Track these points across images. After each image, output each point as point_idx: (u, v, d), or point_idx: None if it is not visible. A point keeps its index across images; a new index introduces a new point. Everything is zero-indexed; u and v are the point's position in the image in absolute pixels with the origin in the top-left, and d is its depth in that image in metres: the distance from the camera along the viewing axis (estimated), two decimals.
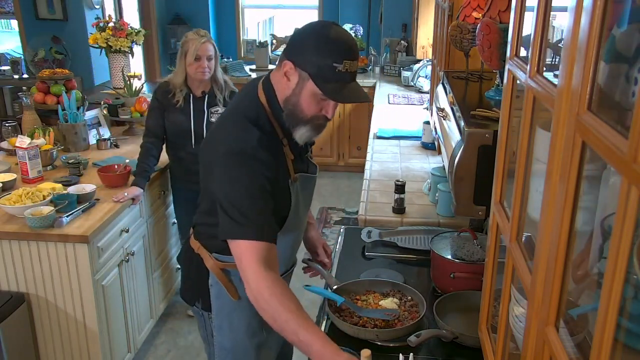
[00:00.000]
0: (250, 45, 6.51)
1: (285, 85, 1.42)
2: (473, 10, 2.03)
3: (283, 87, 1.44)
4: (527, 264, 0.99)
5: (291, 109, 1.44)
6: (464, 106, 1.71)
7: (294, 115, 1.44)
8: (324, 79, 1.36)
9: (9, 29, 8.76)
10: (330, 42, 1.35)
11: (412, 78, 5.07)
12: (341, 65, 1.34)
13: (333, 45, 1.35)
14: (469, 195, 1.55)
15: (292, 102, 1.43)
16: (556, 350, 0.79)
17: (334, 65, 1.34)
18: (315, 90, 1.37)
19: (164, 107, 2.88)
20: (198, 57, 2.78)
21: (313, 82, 1.36)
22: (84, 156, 3.11)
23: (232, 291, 1.65)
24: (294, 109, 1.43)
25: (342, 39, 1.36)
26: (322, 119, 1.45)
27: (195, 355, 3.04)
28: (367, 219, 2.51)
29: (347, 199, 5.12)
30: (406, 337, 1.61)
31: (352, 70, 1.38)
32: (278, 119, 1.48)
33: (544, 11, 0.94)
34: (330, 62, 1.34)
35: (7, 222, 2.41)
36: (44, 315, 2.48)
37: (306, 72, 1.37)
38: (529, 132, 1.03)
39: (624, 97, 0.71)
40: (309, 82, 1.37)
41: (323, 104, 1.42)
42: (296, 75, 1.39)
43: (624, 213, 0.58)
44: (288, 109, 1.44)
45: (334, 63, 1.34)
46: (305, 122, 1.44)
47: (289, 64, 1.40)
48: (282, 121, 1.48)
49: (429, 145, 3.45)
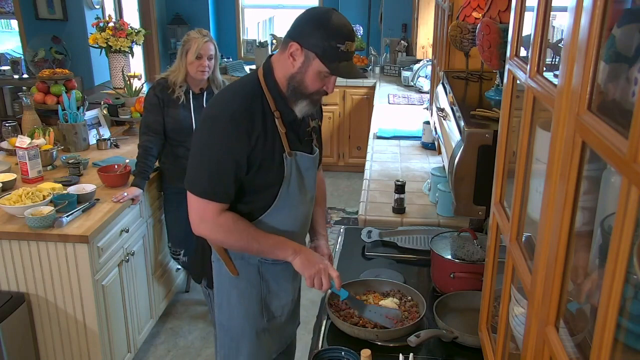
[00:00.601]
0: (250, 45, 6.52)
1: (290, 65, 1.58)
2: (473, 10, 2.04)
3: (287, 66, 1.59)
4: (527, 264, 0.99)
5: (296, 85, 1.60)
6: (464, 106, 1.72)
7: (297, 90, 1.61)
8: (329, 58, 1.53)
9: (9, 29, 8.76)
10: (334, 26, 1.52)
11: (412, 78, 5.07)
12: (343, 45, 1.53)
13: (336, 28, 1.52)
14: (469, 195, 1.55)
15: (297, 79, 1.59)
16: (556, 350, 0.79)
17: (337, 46, 1.52)
18: (320, 69, 1.55)
19: (164, 104, 2.87)
20: (200, 55, 2.79)
21: (320, 61, 1.54)
22: (84, 156, 3.11)
23: (231, 267, 1.75)
24: (298, 85, 1.60)
25: (343, 23, 1.55)
26: (321, 94, 1.64)
27: (195, 355, 3.04)
28: (367, 219, 2.51)
29: (347, 199, 5.12)
30: (406, 337, 1.61)
31: (351, 50, 1.56)
32: (272, 94, 1.64)
33: (544, 11, 0.94)
34: (335, 43, 1.52)
35: (7, 222, 2.41)
36: (44, 315, 2.48)
37: (313, 52, 1.54)
38: (529, 132, 1.03)
39: (624, 97, 0.71)
40: (315, 61, 1.54)
41: (325, 80, 1.60)
42: (302, 55, 1.55)
43: (624, 213, 0.58)
44: (292, 85, 1.61)
45: (337, 44, 1.52)
46: (306, 96, 1.62)
47: (295, 45, 1.55)
48: (275, 96, 1.64)
49: (429, 145, 3.45)
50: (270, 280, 1.80)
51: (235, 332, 1.81)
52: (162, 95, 2.86)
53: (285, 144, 1.65)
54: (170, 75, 2.88)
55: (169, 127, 2.89)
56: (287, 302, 1.87)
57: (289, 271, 1.81)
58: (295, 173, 1.69)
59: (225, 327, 1.83)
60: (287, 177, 1.67)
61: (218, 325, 1.85)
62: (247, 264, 1.76)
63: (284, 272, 1.81)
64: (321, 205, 1.97)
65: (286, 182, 1.68)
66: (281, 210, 1.70)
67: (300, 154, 1.70)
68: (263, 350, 1.85)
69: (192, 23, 6.17)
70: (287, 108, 1.64)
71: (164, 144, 2.94)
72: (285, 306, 1.86)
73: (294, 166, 1.68)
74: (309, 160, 1.74)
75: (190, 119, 2.87)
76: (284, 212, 1.72)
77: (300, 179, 1.72)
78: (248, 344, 1.82)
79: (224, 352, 1.86)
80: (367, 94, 5.44)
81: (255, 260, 1.76)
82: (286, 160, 1.66)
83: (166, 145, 2.95)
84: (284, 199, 1.70)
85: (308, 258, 1.68)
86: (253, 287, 1.78)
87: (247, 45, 6.58)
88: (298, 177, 1.71)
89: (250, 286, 1.78)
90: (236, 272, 1.75)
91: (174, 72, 2.88)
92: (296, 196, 1.72)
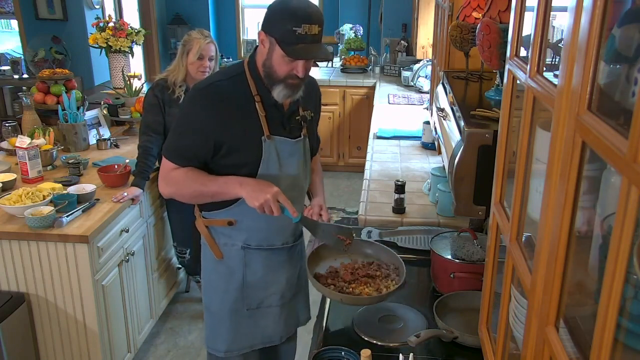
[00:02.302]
0: (250, 45, 6.53)
1: (263, 52, 1.67)
2: (473, 10, 2.04)
3: (261, 54, 1.68)
4: (527, 264, 0.99)
5: (267, 71, 1.68)
6: (464, 106, 1.71)
7: (270, 76, 1.68)
8: (287, 42, 1.58)
9: (9, 29, 8.75)
10: (290, 10, 1.57)
11: (412, 78, 5.07)
12: (300, 28, 1.56)
13: (293, 12, 1.57)
14: (469, 195, 1.55)
15: (267, 65, 1.67)
16: (556, 350, 0.79)
17: (294, 29, 1.56)
18: (282, 53, 1.60)
19: (164, 103, 2.87)
20: (201, 56, 2.80)
21: (279, 46, 1.59)
22: (84, 156, 3.11)
23: (215, 249, 1.83)
24: (269, 71, 1.67)
25: (301, 7, 1.58)
26: (295, 78, 1.67)
27: (195, 356, 3.04)
28: (367, 219, 2.51)
29: (347, 199, 5.12)
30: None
31: (311, 33, 1.58)
32: (254, 79, 1.72)
33: (544, 11, 0.94)
34: (290, 26, 1.56)
35: (7, 222, 2.41)
36: (44, 315, 2.48)
37: (273, 37, 1.60)
38: (529, 132, 1.03)
39: (624, 97, 0.71)
40: (277, 46, 1.60)
41: (292, 64, 1.63)
42: (267, 41, 1.63)
43: (624, 213, 0.58)
44: (265, 71, 1.68)
45: (293, 27, 1.56)
46: (279, 81, 1.67)
47: (262, 33, 1.65)
48: (257, 81, 1.71)
49: (429, 145, 3.45)
50: (254, 268, 1.83)
51: (215, 314, 1.90)
52: (162, 96, 2.86)
53: (264, 127, 1.71)
54: (169, 75, 2.88)
55: (169, 126, 2.89)
56: (275, 292, 1.88)
57: (277, 259, 1.85)
58: (274, 157, 1.74)
59: (207, 308, 1.93)
60: (265, 160, 1.72)
61: (204, 305, 1.96)
62: (231, 249, 1.82)
63: (270, 260, 1.84)
64: (317, 174, 2.03)
65: (264, 164, 1.72)
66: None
67: (280, 138, 1.74)
68: (242, 337, 1.90)
69: (192, 23, 6.17)
70: (267, 93, 1.71)
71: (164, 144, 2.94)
72: (271, 296, 1.88)
73: (272, 149, 1.73)
74: (290, 145, 1.78)
75: None
76: None
77: (279, 164, 1.75)
78: (225, 328, 1.88)
79: (207, 332, 1.96)
80: (367, 94, 5.44)
81: (239, 246, 1.80)
82: (264, 143, 1.71)
83: None
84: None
85: (256, 187, 1.65)
86: (233, 272, 1.83)
87: (247, 45, 6.59)
88: (277, 161, 1.75)
89: (230, 271, 1.84)
90: (220, 254, 1.83)
91: (172, 71, 2.88)
92: (274, 180, 1.73)
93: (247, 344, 1.91)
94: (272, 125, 1.73)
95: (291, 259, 1.91)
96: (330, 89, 5.42)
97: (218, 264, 1.85)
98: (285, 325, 1.96)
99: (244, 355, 1.93)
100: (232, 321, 1.87)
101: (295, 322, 2.04)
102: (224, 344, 1.89)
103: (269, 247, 1.83)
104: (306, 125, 1.85)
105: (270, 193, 1.63)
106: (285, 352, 2.11)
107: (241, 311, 1.86)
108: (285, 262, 1.88)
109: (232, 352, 1.90)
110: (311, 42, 1.59)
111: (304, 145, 1.84)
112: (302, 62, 1.63)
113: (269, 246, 1.83)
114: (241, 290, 1.84)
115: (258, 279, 1.84)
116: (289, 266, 1.90)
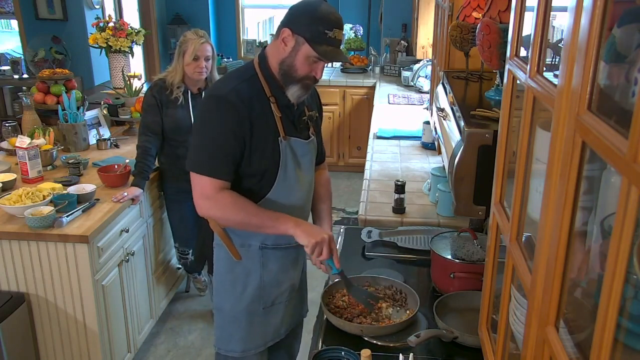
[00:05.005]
0: (250, 45, 6.51)
1: (282, 50, 1.67)
2: (473, 10, 2.04)
3: (279, 52, 1.68)
4: (527, 264, 0.99)
5: (286, 69, 1.68)
6: (464, 106, 1.72)
7: (288, 74, 1.69)
8: (317, 42, 1.62)
9: (9, 29, 8.76)
10: (322, 13, 1.62)
11: (412, 78, 5.07)
12: (331, 32, 1.62)
13: (324, 16, 1.62)
14: (469, 195, 1.55)
15: (287, 63, 1.68)
16: (556, 350, 0.79)
17: (325, 32, 1.62)
18: (309, 53, 1.63)
19: (162, 104, 2.88)
20: (197, 57, 2.79)
21: (308, 45, 1.62)
22: (84, 156, 3.11)
23: (234, 251, 1.80)
24: (288, 69, 1.68)
25: (331, 12, 1.65)
26: (311, 79, 1.71)
27: (195, 356, 3.04)
28: (367, 219, 2.51)
29: (347, 199, 5.12)
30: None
31: (339, 37, 1.65)
32: (267, 80, 1.73)
33: (544, 11, 0.94)
34: (322, 29, 1.62)
35: (7, 222, 2.41)
36: (44, 315, 2.48)
37: (302, 36, 1.63)
38: (529, 132, 1.03)
39: (624, 97, 0.71)
40: (305, 45, 1.63)
41: (314, 65, 1.67)
42: (293, 40, 1.65)
43: (624, 213, 0.58)
44: (283, 69, 1.69)
45: (325, 30, 1.62)
46: (297, 81, 1.69)
47: (287, 30, 1.65)
48: (270, 82, 1.72)
49: (429, 145, 3.45)
50: (271, 267, 1.83)
51: (229, 316, 1.87)
52: (160, 96, 2.87)
53: (280, 128, 1.72)
54: (167, 76, 2.89)
55: (168, 127, 2.89)
56: (286, 289, 1.89)
57: (290, 257, 1.86)
58: (291, 157, 1.75)
59: (220, 309, 1.89)
60: (284, 161, 1.73)
61: (215, 307, 1.91)
62: (248, 250, 1.80)
63: (284, 259, 1.85)
64: (326, 202, 1.99)
65: (283, 166, 1.74)
66: (279, 194, 1.75)
67: (294, 139, 1.76)
68: (257, 336, 1.89)
69: (192, 23, 6.17)
70: (282, 93, 1.72)
71: (163, 144, 2.95)
72: (284, 293, 1.89)
73: (288, 150, 1.74)
74: (304, 146, 1.80)
75: (189, 118, 2.88)
76: (282, 197, 1.76)
77: (297, 163, 1.77)
78: (241, 328, 1.86)
79: (218, 334, 1.92)
80: (367, 94, 5.44)
81: (257, 247, 1.79)
82: (281, 144, 1.72)
83: (166, 146, 2.95)
84: (282, 183, 1.75)
85: (312, 227, 1.73)
86: (250, 273, 1.82)
87: (247, 45, 6.58)
88: (294, 161, 1.76)
89: (247, 272, 1.82)
90: (239, 256, 1.80)
91: (171, 72, 2.89)
92: (293, 181, 1.76)
93: (261, 342, 1.90)
94: (286, 126, 1.74)
95: (299, 256, 1.93)
96: (330, 89, 5.42)
97: (235, 265, 1.82)
98: (290, 318, 1.98)
99: (260, 353, 1.92)
100: (248, 321, 1.85)
101: (299, 314, 2.07)
102: (240, 344, 1.87)
103: (286, 246, 1.83)
104: (312, 125, 1.87)
105: (327, 234, 1.68)
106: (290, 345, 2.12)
107: (257, 310, 1.85)
108: (295, 259, 1.90)
109: (248, 351, 1.89)
110: (337, 46, 1.66)
111: (314, 145, 1.86)
112: (322, 64, 1.68)
113: (286, 245, 1.83)
114: (259, 289, 1.83)
115: (272, 277, 1.85)
116: (299, 262, 1.93)
